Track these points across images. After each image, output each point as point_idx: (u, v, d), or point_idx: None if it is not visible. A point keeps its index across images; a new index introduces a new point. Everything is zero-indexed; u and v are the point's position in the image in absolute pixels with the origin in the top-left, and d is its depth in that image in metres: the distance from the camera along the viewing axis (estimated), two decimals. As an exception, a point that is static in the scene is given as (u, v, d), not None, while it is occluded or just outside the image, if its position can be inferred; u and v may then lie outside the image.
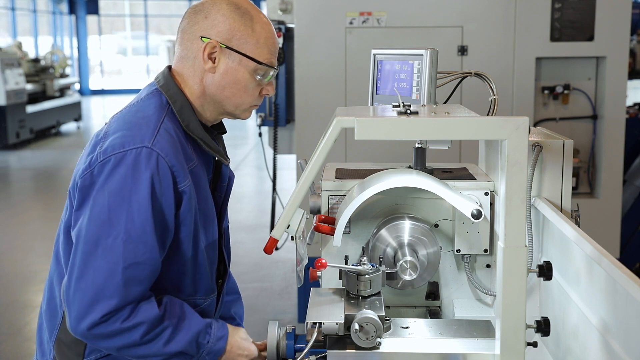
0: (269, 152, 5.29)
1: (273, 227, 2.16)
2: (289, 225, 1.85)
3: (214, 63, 1.90)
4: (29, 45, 21.63)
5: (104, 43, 26.15)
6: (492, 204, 2.11)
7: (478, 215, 1.88)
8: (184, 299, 1.93)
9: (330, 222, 2.09)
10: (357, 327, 1.73)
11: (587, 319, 1.68)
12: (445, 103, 2.36)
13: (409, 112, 1.69)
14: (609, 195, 4.70)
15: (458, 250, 2.14)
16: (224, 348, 1.90)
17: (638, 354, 1.39)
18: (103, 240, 1.74)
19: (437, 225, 2.17)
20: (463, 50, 4.57)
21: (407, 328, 1.87)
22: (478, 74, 2.27)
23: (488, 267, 2.17)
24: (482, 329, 1.86)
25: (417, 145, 2.24)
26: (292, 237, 1.88)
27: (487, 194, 2.10)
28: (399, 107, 1.71)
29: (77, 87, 21.29)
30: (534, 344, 1.76)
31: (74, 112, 16.21)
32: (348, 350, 1.76)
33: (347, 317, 1.79)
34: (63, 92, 15.96)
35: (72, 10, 25.40)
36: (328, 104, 4.48)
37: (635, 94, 11.71)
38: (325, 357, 1.76)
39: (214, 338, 1.88)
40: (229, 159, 2.07)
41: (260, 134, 5.44)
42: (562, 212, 2.00)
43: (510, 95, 4.62)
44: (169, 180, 1.79)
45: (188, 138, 1.92)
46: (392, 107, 1.75)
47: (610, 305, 1.53)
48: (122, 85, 25.88)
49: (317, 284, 2.14)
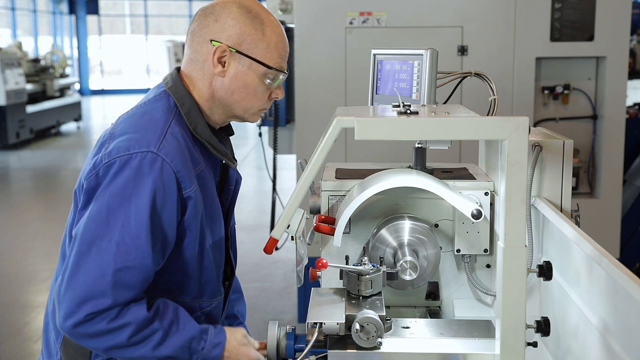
0: (269, 152, 5.29)
1: (273, 227, 2.16)
2: (289, 225, 1.84)
3: (224, 67, 1.89)
4: (29, 45, 21.63)
5: (104, 43, 26.15)
6: (492, 204, 2.11)
7: (478, 215, 1.88)
8: (191, 302, 1.92)
9: (330, 222, 2.09)
10: (358, 327, 1.73)
11: (587, 319, 1.68)
12: (445, 103, 2.36)
13: (409, 112, 1.69)
14: (609, 195, 4.69)
15: (458, 250, 2.14)
16: (220, 355, 1.85)
17: (638, 354, 1.39)
18: (98, 241, 1.73)
19: (437, 225, 2.17)
20: (463, 50, 4.57)
21: (407, 328, 1.87)
22: (478, 74, 2.27)
23: (488, 267, 2.18)
24: (482, 329, 1.86)
25: (417, 145, 2.24)
26: (292, 237, 1.87)
27: (487, 194, 2.10)
28: (399, 107, 1.71)
29: (77, 87, 21.29)
30: (534, 344, 1.76)
31: (74, 112, 16.20)
32: (349, 350, 1.76)
33: (348, 317, 1.78)
34: (63, 92, 15.94)
35: (72, 10, 25.40)
36: (328, 104, 4.48)
37: (635, 94, 11.71)
38: (326, 357, 1.76)
39: (210, 345, 1.83)
40: (236, 162, 2.04)
41: (260, 134, 5.44)
42: (562, 212, 2.00)
43: (510, 95, 4.62)
44: (173, 187, 1.77)
45: (195, 141, 1.90)
46: (392, 107, 1.75)
47: (610, 305, 1.53)
48: (122, 85, 25.90)
49: (317, 284, 2.14)
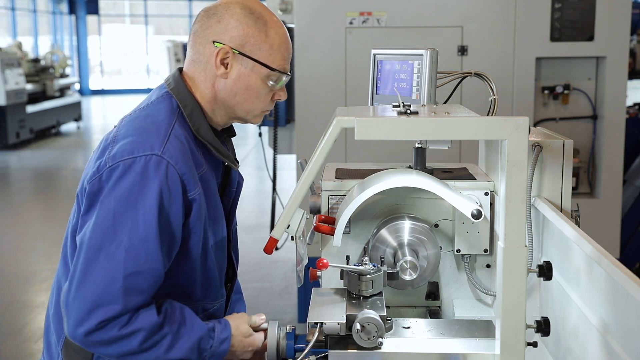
0: (269, 152, 5.29)
1: (273, 227, 2.16)
2: (289, 225, 1.84)
3: (226, 69, 1.87)
4: (29, 45, 21.63)
5: (104, 43, 26.16)
6: (492, 204, 2.11)
7: (478, 215, 1.88)
8: (193, 304, 1.91)
9: (330, 222, 2.09)
10: (358, 327, 1.73)
11: (587, 319, 1.68)
12: (445, 103, 2.36)
13: (409, 112, 1.69)
14: (609, 195, 4.69)
15: (458, 250, 2.14)
16: (228, 349, 1.86)
17: (638, 354, 1.39)
18: (106, 247, 1.71)
19: (437, 225, 2.17)
20: (463, 50, 4.57)
21: (408, 328, 1.87)
22: (478, 74, 2.27)
23: (488, 267, 2.18)
24: (482, 329, 1.86)
25: (417, 145, 2.24)
26: (292, 237, 1.87)
27: (487, 194, 2.10)
28: (399, 107, 1.71)
29: (77, 87, 21.28)
30: (534, 344, 1.76)
31: (74, 112, 16.21)
32: (349, 350, 1.76)
33: (348, 317, 1.78)
34: (63, 92, 15.95)
35: (72, 10, 25.40)
36: (328, 104, 4.48)
37: (635, 94, 11.71)
38: (327, 357, 1.76)
39: (217, 341, 1.84)
40: (239, 163, 2.03)
41: (260, 134, 5.45)
42: (562, 212, 2.00)
43: (510, 95, 4.62)
44: (178, 189, 1.76)
45: (198, 143, 1.89)
46: (392, 107, 1.75)
47: (610, 305, 1.53)
48: (122, 85, 25.89)
49: (317, 284, 2.14)
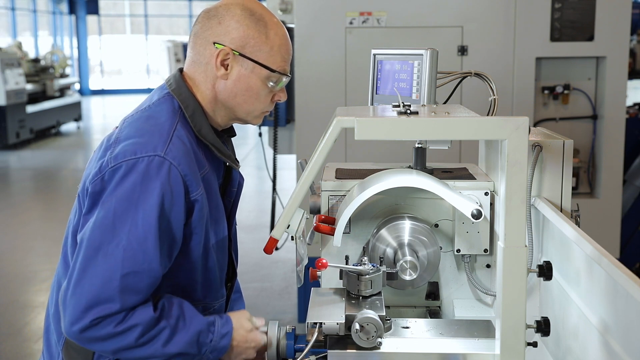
0: (269, 152, 5.29)
1: (273, 227, 2.16)
2: (289, 225, 1.84)
3: (227, 70, 1.88)
4: (29, 45, 21.63)
5: (104, 43, 26.16)
6: (492, 204, 2.11)
7: (478, 215, 1.88)
8: (194, 304, 1.90)
9: (330, 222, 2.09)
10: (358, 327, 1.73)
11: (587, 319, 1.68)
12: (445, 103, 2.36)
13: (409, 112, 1.69)
14: (609, 195, 4.69)
15: (458, 250, 2.14)
16: (229, 344, 1.85)
17: (638, 354, 1.39)
18: (104, 246, 1.71)
19: (437, 225, 2.17)
20: (463, 50, 4.57)
21: (407, 328, 1.87)
22: (478, 74, 2.27)
23: (488, 267, 2.18)
24: (482, 329, 1.86)
25: (417, 145, 2.24)
26: (292, 237, 1.87)
27: (487, 194, 2.10)
28: (399, 107, 1.71)
29: (77, 87, 21.29)
30: (534, 344, 1.76)
31: (74, 112, 16.21)
32: (349, 350, 1.76)
33: (347, 317, 1.78)
34: (63, 92, 15.95)
35: (72, 10, 25.40)
36: (328, 104, 4.48)
37: (635, 94, 11.72)
38: (326, 357, 1.76)
39: (218, 336, 1.84)
40: (239, 164, 2.04)
41: (260, 134, 5.44)
42: (562, 212, 2.00)
43: (510, 95, 4.62)
44: (181, 190, 1.76)
45: (199, 143, 1.89)
46: (392, 107, 1.75)
47: (610, 305, 1.53)
48: (122, 85, 25.89)
49: (317, 284, 2.14)
